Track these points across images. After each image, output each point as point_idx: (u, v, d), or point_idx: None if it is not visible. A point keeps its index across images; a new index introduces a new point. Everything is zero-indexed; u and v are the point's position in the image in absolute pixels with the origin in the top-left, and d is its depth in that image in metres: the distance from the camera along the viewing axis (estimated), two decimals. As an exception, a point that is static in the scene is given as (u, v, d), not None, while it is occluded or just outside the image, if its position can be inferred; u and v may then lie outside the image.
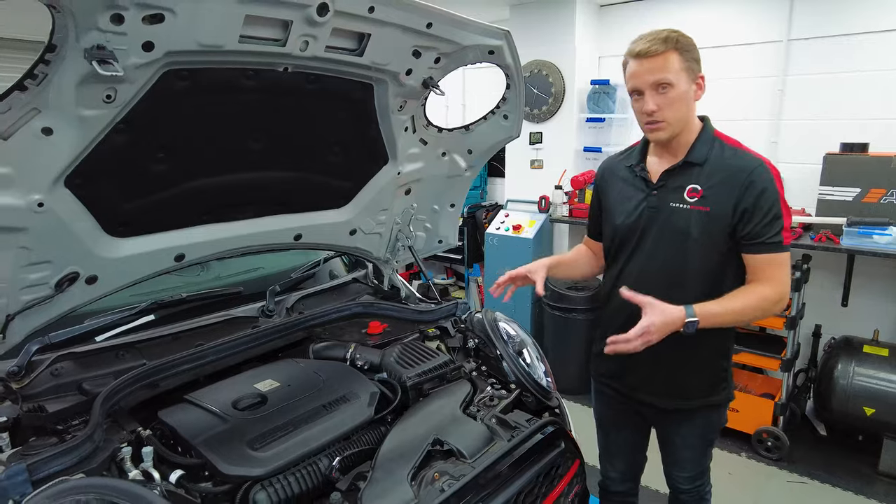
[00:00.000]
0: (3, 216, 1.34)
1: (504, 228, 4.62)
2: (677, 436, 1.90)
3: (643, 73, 1.61)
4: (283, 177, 1.94)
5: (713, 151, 1.68)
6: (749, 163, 1.63)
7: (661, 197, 1.72)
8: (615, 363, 1.88)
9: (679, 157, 1.71)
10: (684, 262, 1.69)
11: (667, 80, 1.58)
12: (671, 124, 1.63)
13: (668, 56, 1.58)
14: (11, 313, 1.49)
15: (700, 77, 1.66)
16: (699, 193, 1.66)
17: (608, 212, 1.88)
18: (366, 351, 2.01)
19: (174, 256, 1.79)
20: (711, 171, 1.66)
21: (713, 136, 1.71)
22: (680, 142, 1.70)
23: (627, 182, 1.82)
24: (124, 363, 1.76)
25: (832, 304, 3.71)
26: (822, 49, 3.60)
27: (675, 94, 1.60)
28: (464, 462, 1.53)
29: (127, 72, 1.27)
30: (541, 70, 4.46)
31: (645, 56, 1.60)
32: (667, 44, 1.58)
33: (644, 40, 1.61)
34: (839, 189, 3.28)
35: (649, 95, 1.61)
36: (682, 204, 1.68)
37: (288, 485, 1.39)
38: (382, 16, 1.58)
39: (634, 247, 1.78)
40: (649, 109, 1.61)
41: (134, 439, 1.46)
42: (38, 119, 1.27)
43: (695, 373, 1.77)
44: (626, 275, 1.81)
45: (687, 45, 1.61)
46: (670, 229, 1.69)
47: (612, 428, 2.07)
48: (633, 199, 1.78)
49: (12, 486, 1.17)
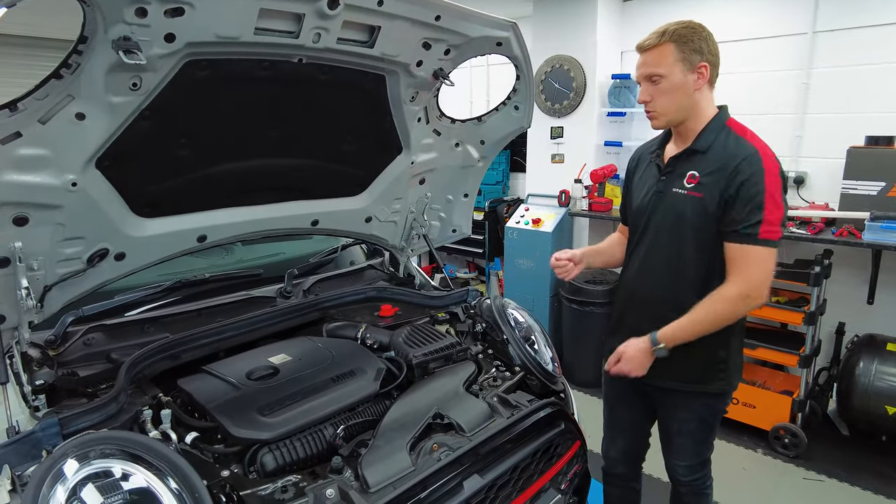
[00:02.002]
0: (41, 194, 1.47)
1: (524, 222, 4.66)
2: (675, 420, 1.94)
3: (639, 65, 1.71)
4: (300, 164, 2.04)
5: (718, 139, 1.71)
6: (743, 150, 1.65)
7: (667, 182, 1.78)
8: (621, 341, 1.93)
9: (688, 144, 1.76)
10: (682, 246, 1.73)
11: (657, 73, 1.66)
12: (663, 114, 1.71)
13: (663, 49, 1.65)
14: (49, 284, 1.63)
15: (702, 66, 1.68)
16: (696, 180, 1.70)
17: (630, 196, 1.96)
18: (376, 331, 2.09)
19: (197, 237, 1.90)
20: (711, 158, 1.70)
21: (723, 125, 1.74)
22: (689, 129, 1.75)
23: (647, 168, 1.90)
24: (149, 336, 1.88)
25: (857, 301, 3.63)
26: (847, 41, 3.54)
27: (667, 86, 1.66)
28: (462, 435, 1.60)
29: (150, 61, 1.38)
30: (562, 65, 4.48)
31: (641, 49, 1.70)
32: (662, 37, 1.65)
33: (649, 35, 1.70)
34: (863, 183, 3.22)
35: (644, 86, 1.71)
36: (682, 189, 1.73)
37: (294, 449, 1.48)
38: (391, 9, 1.66)
39: (643, 230, 1.85)
40: (641, 99, 1.72)
41: (155, 403, 1.57)
42: (72, 105, 1.39)
43: (690, 358, 1.79)
44: (635, 259, 1.88)
45: (686, 35, 1.65)
46: (670, 214, 1.75)
47: (616, 403, 2.12)
48: (648, 184, 1.86)
49: (46, 437, 1.30)
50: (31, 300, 1.54)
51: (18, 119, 1.32)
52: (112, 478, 1.18)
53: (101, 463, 1.20)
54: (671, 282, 1.77)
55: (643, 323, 1.81)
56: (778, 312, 3.44)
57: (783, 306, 3.43)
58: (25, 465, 1.26)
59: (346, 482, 1.38)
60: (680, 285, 1.76)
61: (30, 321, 1.61)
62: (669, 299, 1.77)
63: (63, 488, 1.14)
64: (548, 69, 4.56)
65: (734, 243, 1.65)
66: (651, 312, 1.81)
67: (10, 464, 1.25)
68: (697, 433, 1.93)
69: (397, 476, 1.41)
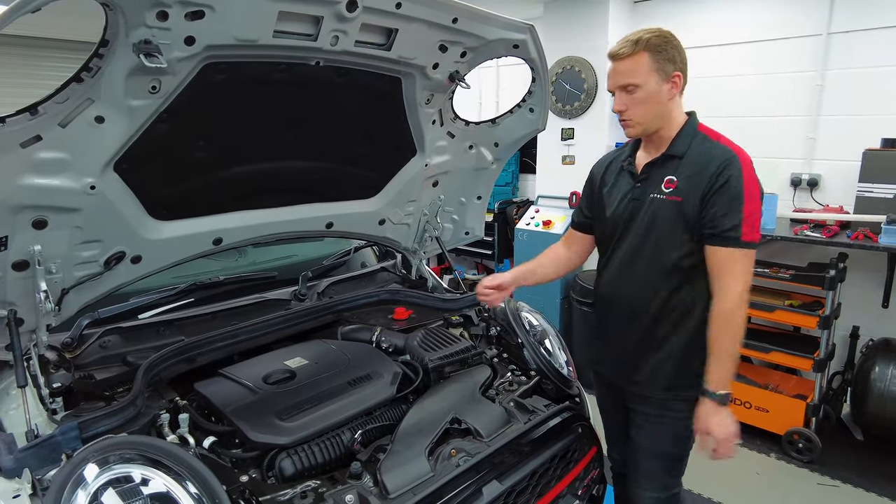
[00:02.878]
0: (60, 197, 1.47)
1: (534, 224, 4.64)
2: (644, 436, 1.83)
3: (612, 74, 1.69)
4: (315, 167, 2.04)
5: (693, 144, 1.71)
6: (721, 153, 1.64)
7: (644, 188, 1.76)
8: (598, 350, 1.94)
9: (662, 150, 1.75)
10: (662, 250, 1.71)
11: (632, 83, 1.64)
12: (640, 123, 1.69)
13: (637, 58, 1.63)
14: (66, 287, 1.63)
15: (675, 75, 1.67)
16: (674, 184, 1.69)
17: (601, 205, 1.91)
18: (391, 334, 2.09)
19: (212, 240, 1.90)
20: (688, 162, 1.69)
21: (695, 130, 1.74)
22: (662, 137, 1.74)
23: (619, 176, 1.87)
24: (164, 339, 1.88)
25: (872, 305, 3.59)
26: (863, 42, 3.50)
27: (642, 95, 1.65)
28: (480, 441, 1.60)
29: (170, 64, 1.38)
30: (573, 66, 4.47)
31: (615, 58, 1.67)
32: (637, 46, 1.62)
33: (619, 43, 1.68)
34: (879, 186, 3.19)
35: (618, 96, 1.68)
36: (660, 194, 1.71)
37: (312, 454, 1.48)
38: (409, 11, 1.65)
39: (619, 237, 1.82)
40: (616, 108, 1.70)
41: (172, 407, 1.57)
42: (91, 108, 1.39)
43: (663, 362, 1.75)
44: (612, 264, 1.85)
45: (660, 45, 1.63)
46: (649, 219, 1.73)
47: (606, 413, 2.09)
48: (621, 192, 1.83)
49: (65, 441, 1.30)
50: (50, 303, 1.55)
51: (39, 122, 1.33)
52: (132, 483, 1.18)
53: (122, 468, 1.20)
54: (650, 285, 1.75)
55: (623, 326, 1.81)
56: (792, 316, 3.41)
57: (797, 310, 3.40)
58: (45, 468, 1.26)
59: (365, 488, 1.37)
60: (658, 287, 1.74)
61: (47, 324, 1.61)
62: (647, 301, 1.75)
63: (84, 493, 1.14)
64: (559, 71, 4.55)
65: (717, 247, 1.63)
66: (630, 316, 1.79)
67: (30, 467, 1.25)
68: (666, 456, 1.83)
69: (416, 482, 1.40)
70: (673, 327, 1.72)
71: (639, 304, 1.77)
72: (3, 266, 1.48)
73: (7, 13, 1.07)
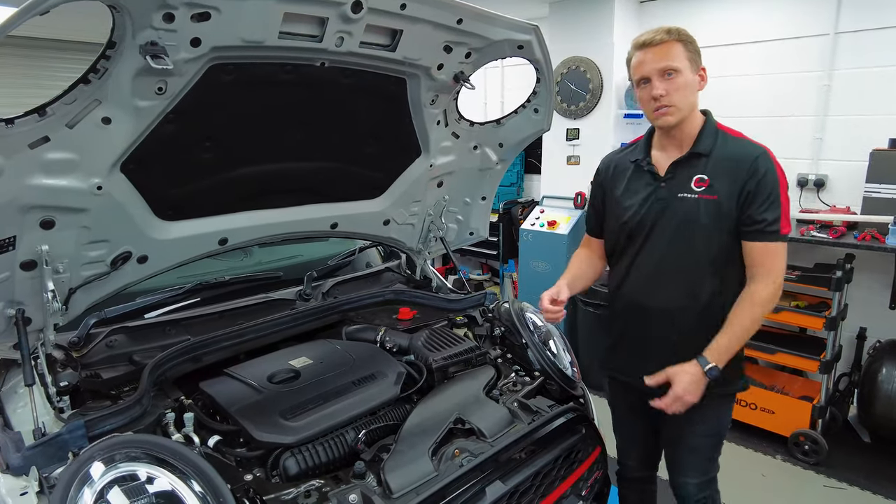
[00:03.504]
0: (68, 197, 1.48)
1: (539, 224, 4.64)
2: (687, 434, 1.86)
3: (650, 60, 1.67)
4: (321, 167, 2.04)
5: (717, 142, 1.71)
6: (753, 150, 1.67)
7: (670, 189, 1.74)
8: (628, 360, 1.90)
9: (685, 149, 1.74)
10: (695, 251, 1.70)
11: (673, 67, 1.64)
12: (679, 109, 1.67)
13: (673, 45, 1.65)
14: (73, 287, 1.64)
15: (702, 69, 1.71)
16: (706, 183, 1.68)
17: (614, 208, 1.88)
18: (395, 334, 2.09)
19: (218, 240, 1.91)
20: (716, 160, 1.69)
21: (716, 127, 1.75)
22: (684, 134, 1.73)
23: (633, 177, 1.84)
24: (170, 338, 1.90)
25: (880, 306, 3.57)
26: (870, 42, 3.48)
27: (682, 81, 1.65)
28: (484, 441, 1.60)
29: (176, 65, 1.39)
30: (578, 66, 4.46)
31: (650, 45, 1.66)
32: (670, 34, 1.65)
33: (648, 33, 1.68)
34: (886, 186, 3.17)
35: (657, 81, 1.66)
36: (690, 194, 1.70)
37: (316, 453, 1.49)
38: (414, 12, 1.65)
39: (644, 240, 1.79)
40: (657, 94, 1.66)
41: (177, 406, 1.58)
42: (99, 109, 1.40)
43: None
44: (636, 269, 1.82)
45: (689, 38, 1.67)
46: (680, 220, 1.72)
47: (627, 418, 2.06)
48: (641, 193, 1.79)
49: (72, 439, 1.31)
50: (57, 302, 1.56)
51: (47, 123, 1.34)
52: (137, 481, 1.19)
53: (127, 466, 1.21)
54: (684, 287, 1.73)
55: (656, 331, 1.78)
56: (798, 317, 3.39)
57: (803, 311, 3.38)
58: (52, 466, 1.27)
59: (368, 487, 1.38)
60: (694, 289, 1.72)
61: (55, 323, 1.63)
62: (682, 304, 1.74)
63: (90, 491, 1.15)
64: (564, 70, 4.54)
65: (758, 242, 1.64)
66: (663, 320, 1.77)
67: (37, 465, 1.26)
68: (709, 448, 1.87)
69: (420, 482, 1.40)
70: (707, 329, 1.70)
71: (673, 308, 1.75)
72: (11, 266, 1.49)
73: (16, 16, 1.08)
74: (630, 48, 1.74)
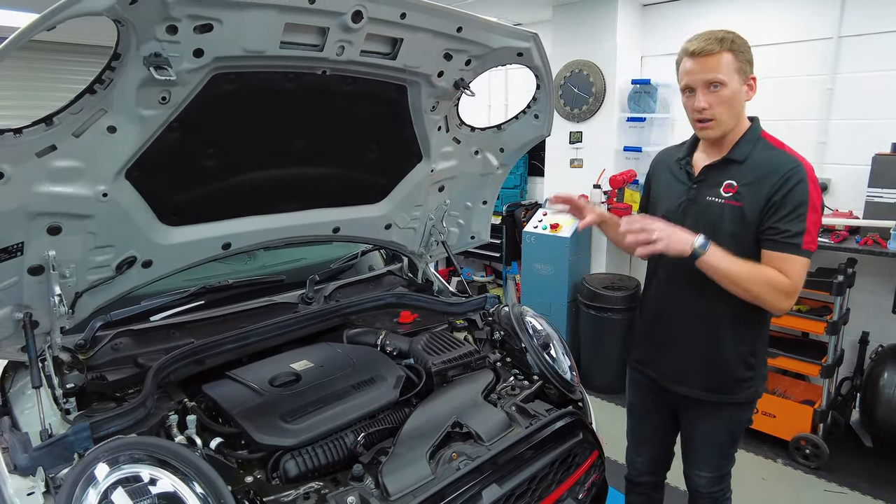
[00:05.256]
0: (74, 204, 1.52)
1: (542, 227, 4.65)
2: (700, 431, 1.92)
3: (696, 71, 1.65)
4: (323, 173, 2.07)
5: (755, 150, 1.71)
6: (787, 162, 1.65)
7: (700, 190, 1.77)
8: (649, 352, 1.96)
9: (723, 153, 1.75)
10: None
11: (719, 80, 1.62)
12: (721, 123, 1.67)
13: (722, 56, 1.62)
14: (80, 291, 1.68)
15: (752, 78, 1.69)
16: (734, 189, 1.69)
17: (655, 202, 1.93)
18: (395, 338, 2.12)
19: (221, 245, 1.94)
20: (750, 168, 1.69)
21: (758, 136, 1.74)
22: (727, 140, 1.74)
23: (674, 174, 1.88)
24: (175, 341, 1.93)
25: (882, 310, 3.57)
26: (874, 46, 3.47)
27: (727, 94, 1.63)
28: (481, 444, 1.62)
29: (180, 76, 1.42)
30: (581, 69, 4.47)
31: (699, 55, 1.64)
32: (722, 44, 1.62)
33: (699, 39, 1.65)
34: (889, 191, 3.17)
35: (701, 93, 1.65)
36: (718, 198, 1.72)
37: (315, 456, 1.51)
38: (414, 21, 1.68)
39: None
40: (700, 107, 1.65)
41: (180, 409, 1.61)
42: (104, 118, 1.44)
43: (719, 367, 1.79)
44: (663, 265, 1.87)
45: (741, 46, 1.65)
46: (703, 222, 1.73)
47: (643, 414, 2.11)
48: (677, 191, 1.84)
49: (77, 440, 1.34)
50: (63, 306, 1.59)
51: (54, 133, 1.37)
52: (141, 482, 1.22)
53: (131, 467, 1.23)
54: (704, 288, 1.74)
55: (677, 329, 1.83)
56: (800, 321, 3.39)
57: (805, 315, 3.38)
58: (58, 467, 1.31)
59: (366, 490, 1.40)
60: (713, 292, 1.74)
61: (61, 326, 1.66)
62: (701, 307, 1.77)
63: (95, 491, 1.18)
64: (567, 74, 4.55)
65: (776, 252, 1.63)
66: (685, 318, 1.82)
67: (44, 466, 1.30)
68: (721, 446, 1.92)
69: (417, 484, 1.42)
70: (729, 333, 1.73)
71: (695, 308, 1.78)
72: (19, 270, 1.52)
73: (23, 32, 1.11)
74: (680, 51, 1.72)
